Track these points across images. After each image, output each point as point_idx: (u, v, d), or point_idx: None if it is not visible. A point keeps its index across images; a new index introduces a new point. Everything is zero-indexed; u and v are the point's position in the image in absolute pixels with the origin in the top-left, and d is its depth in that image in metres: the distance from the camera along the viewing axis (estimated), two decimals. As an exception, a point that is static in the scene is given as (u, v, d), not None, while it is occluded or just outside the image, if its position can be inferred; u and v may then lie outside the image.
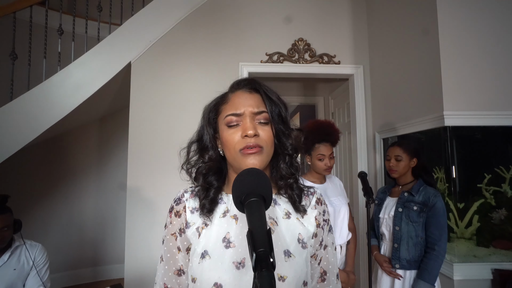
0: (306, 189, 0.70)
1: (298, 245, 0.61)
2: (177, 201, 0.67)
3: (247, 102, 0.61)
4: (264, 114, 0.61)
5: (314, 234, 0.65)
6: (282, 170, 0.64)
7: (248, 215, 0.42)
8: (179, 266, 0.64)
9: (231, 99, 0.63)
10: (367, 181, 1.52)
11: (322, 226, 0.67)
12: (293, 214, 0.65)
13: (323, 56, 2.48)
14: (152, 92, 2.29)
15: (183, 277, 0.65)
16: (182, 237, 0.64)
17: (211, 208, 0.62)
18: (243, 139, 0.59)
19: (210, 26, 2.41)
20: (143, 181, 2.21)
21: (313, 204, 0.68)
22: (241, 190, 0.45)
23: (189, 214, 0.64)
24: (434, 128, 1.70)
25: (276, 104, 0.63)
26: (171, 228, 0.65)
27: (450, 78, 1.62)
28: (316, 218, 0.67)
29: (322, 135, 1.53)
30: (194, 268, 0.59)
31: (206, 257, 0.58)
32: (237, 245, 0.58)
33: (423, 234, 1.43)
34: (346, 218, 1.53)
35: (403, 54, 2.03)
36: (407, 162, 1.53)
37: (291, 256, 0.59)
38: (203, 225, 0.62)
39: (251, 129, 0.58)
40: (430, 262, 1.35)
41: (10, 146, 1.99)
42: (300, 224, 0.64)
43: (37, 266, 1.49)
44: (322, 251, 0.68)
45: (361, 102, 2.49)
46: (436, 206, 1.40)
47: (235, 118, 0.61)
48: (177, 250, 0.64)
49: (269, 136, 0.60)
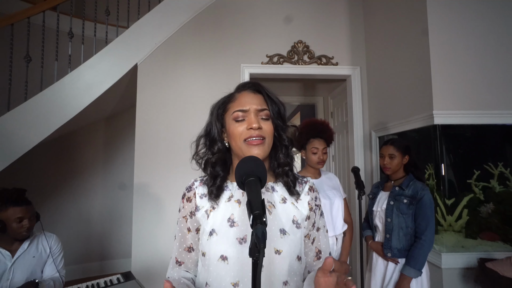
0: (300, 178, 0.81)
1: (292, 225, 0.71)
2: (188, 189, 0.78)
3: (252, 101, 0.72)
4: (266, 112, 0.72)
5: (307, 216, 0.76)
6: (280, 159, 0.75)
7: (247, 190, 0.54)
8: (189, 244, 0.76)
9: (238, 98, 0.74)
10: (359, 175, 1.63)
11: (314, 210, 0.78)
12: (289, 199, 0.75)
13: (322, 58, 2.58)
14: (158, 93, 2.40)
15: (192, 253, 0.76)
16: (192, 219, 0.75)
17: (218, 194, 0.73)
18: (248, 131, 0.69)
19: (212, 29, 2.51)
20: (149, 178, 2.32)
21: (306, 190, 0.78)
22: (242, 173, 0.57)
23: (198, 199, 0.75)
24: (425, 126, 1.80)
25: (276, 103, 0.75)
26: (183, 212, 0.77)
27: (440, 78, 1.71)
28: (309, 202, 0.77)
29: (316, 131, 1.65)
30: (204, 244, 0.70)
31: (213, 235, 0.69)
32: (239, 224, 0.69)
33: (412, 225, 1.53)
34: (340, 210, 1.63)
35: (396, 55, 2.13)
36: (400, 159, 1.63)
37: (286, 234, 0.69)
38: (211, 208, 0.73)
39: (255, 122, 0.69)
40: (416, 250, 1.46)
41: (24, 144, 2.10)
42: (294, 208, 0.74)
43: (53, 254, 1.61)
44: (315, 232, 0.79)
45: (358, 102, 2.59)
46: (423, 199, 1.50)
47: (242, 113, 0.71)
48: (187, 231, 0.76)
49: (270, 130, 0.72)
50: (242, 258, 0.66)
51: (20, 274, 1.48)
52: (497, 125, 1.76)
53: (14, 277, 1.47)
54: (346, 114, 2.89)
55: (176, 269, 0.76)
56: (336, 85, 3.25)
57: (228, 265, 0.66)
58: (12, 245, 1.51)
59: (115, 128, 3.50)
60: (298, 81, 3.57)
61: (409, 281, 1.44)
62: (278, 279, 0.66)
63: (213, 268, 0.67)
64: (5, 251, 1.48)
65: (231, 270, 0.65)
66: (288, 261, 0.67)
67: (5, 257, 1.47)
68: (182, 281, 0.71)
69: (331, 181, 1.73)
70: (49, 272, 1.58)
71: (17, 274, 1.48)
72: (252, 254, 0.44)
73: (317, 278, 0.53)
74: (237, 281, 0.65)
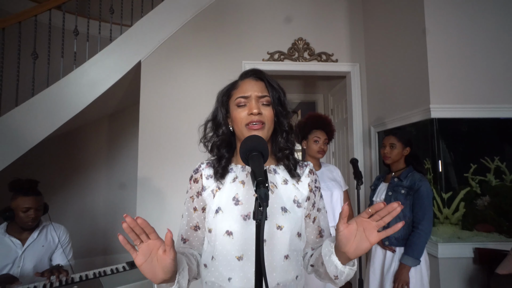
0: (301, 162, 0.86)
1: (293, 204, 0.76)
2: (195, 171, 0.83)
3: (253, 87, 0.76)
4: (267, 98, 0.76)
5: (307, 197, 0.81)
6: (280, 143, 0.79)
7: (251, 163, 0.59)
8: (195, 223, 0.81)
9: (240, 85, 0.79)
10: (357, 166, 1.68)
11: (314, 191, 0.83)
12: (290, 180, 0.80)
13: (322, 55, 2.63)
14: (161, 89, 2.45)
15: (198, 231, 0.81)
16: (199, 199, 0.80)
17: (223, 174, 0.78)
18: (249, 116, 0.74)
19: (214, 27, 2.56)
20: (153, 173, 2.37)
21: (306, 173, 0.83)
22: (246, 149, 0.62)
23: (205, 180, 0.80)
24: (422, 121, 1.84)
25: (277, 90, 0.79)
26: (190, 192, 0.82)
27: (437, 72, 1.75)
28: (309, 184, 0.82)
29: (319, 123, 1.71)
30: (210, 221, 0.75)
31: (219, 212, 0.73)
32: (244, 202, 0.74)
33: (410, 215, 1.57)
34: (339, 201, 1.68)
35: (395, 51, 2.17)
36: (400, 150, 1.67)
37: (287, 212, 0.74)
38: (216, 188, 0.78)
39: (256, 108, 0.73)
40: (414, 239, 1.51)
41: (31, 138, 2.16)
42: (295, 188, 0.79)
43: (63, 244, 1.67)
44: (316, 211, 0.84)
45: (357, 98, 2.63)
46: (420, 190, 1.54)
47: (243, 100, 0.76)
48: (193, 210, 0.80)
49: (270, 115, 0.76)
50: (246, 233, 0.70)
51: (29, 261, 1.55)
52: (494, 119, 1.80)
53: (24, 264, 1.53)
54: (346, 111, 2.93)
55: (181, 245, 0.81)
56: (336, 82, 3.29)
57: (233, 239, 0.70)
58: (22, 234, 1.57)
59: (119, 125, 3.56)
60: (299, 78, 3.61)
61: (408, 269, 1.48)
62: (279, 252, 0.70)
63: (219, 242, 0.71)
64: (16, 239, 1.54)
65: (236, 244, 0.70)
66: (288, 236, 0.71)
67: (16, 246, 1.53)
68: (185, 251, 0.75)
69: (331, 173, 1.78)
70: (59, 261, 1.64)
71: (27, 262, 1.54)
72: (255, 216, 0.49)
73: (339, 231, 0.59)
74: (241, 254, 0.70)
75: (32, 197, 1.51)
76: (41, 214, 1.58)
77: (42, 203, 1.57)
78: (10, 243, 1.52)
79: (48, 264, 1.63)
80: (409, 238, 1.53)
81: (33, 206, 1.51)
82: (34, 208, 1.52)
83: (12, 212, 1.50)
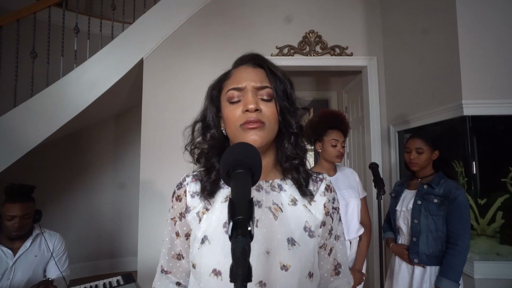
0: (315, 175, 0.66)
1: (304, 233, 0.58)
2: (178, 186, 0.65)
3: (250, 76, 0.58)
4: (268, 90, 0.58)
5: (322, 222, 0.61)
6: (287, 150, 0.60)
7: (232, 185, 0.40)
8: (178, 251, 0.64)
9: (234, 74, 0.61)
10: (378, 172, 1.47)
11: (331, 214, 0.63)
12: (300, 200, 0.61)
13: (335, 48, 2.43)
14: (164, 87, 2.33)
15: (183, 261, 0.64)
16: (182, 222, 0.63)
17: (212, 190, 0.60)
18: (244, 114, 0.56)
19: (220, 21, 2.41)
20: (156, 175, 2.25)
21: (321, 190, 0.64)
22: (229, 162, 0.43)
23: (189, 198, 0.62)
24: (452, 119, 1.62)
25: (281, 80, 0.60)
26: (172, 213, 0.65)
27: (470, 64, 1.53)
28: (325, 205, 0.62)
29: (336, 122, 1.51)
30: (194, 254, 0.58)
31: (205, 242, 0.56)
32: None
33: (444, 228, 1.36)
34: (356, 212, 1.48)
35: (419, 42, 1.94)
36: (429, 154, 1.46)
37: (296, 245, 0.55)
38: (204, 210, 0.60)
39: (252, 103, 0.55)
40: (453, 258, 1.28)
41: (31, 139, 2.08)
42: (307, 211, 0.60)
43: (57, 254, 1.55)
44: (333, 241, 0.65)
45: (374, 94, 2.42)
46: (458, 200, 1.33)
47: (237, 93, 0.58)
48: (176, 235, 0.64)
49: (273, 113, 0.57)
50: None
51: (21, 273, 1.44)
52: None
53: (15, 276, 1.43)
54: (361, 109, 2.71)
55: (163, 279, 0.65)
56: (350, 78, 3.08)
57: (222, 281, 0.52)
58: (14, 243, 1.47)
59: (124, 126, 3.48)
60: (310, 74, 3.41)
61: None
62: None
63: (204, 284, 0.54)
64: (6, 249, 1.44)
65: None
66: (297, 279, 0.54)
67: (6, 256, 1.43)
68: None
69: (348, 178, 1.58)
70: (53, 273, 1.53)
71: (18, 274, 1.44)
72: (232, 278, 0.31)
73: None
74: None
75: (19, 204, 1.40)
76: (29, 223, 1.46)
77: (31, 211, 1.46)
78: (0, 252, 1.42)
79: (43, 276, 1.52)
80: (447, 257, 1.31)
81: (18, 214, 1.40)
82: (19, 216, 1.40)
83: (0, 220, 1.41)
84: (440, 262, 1.34)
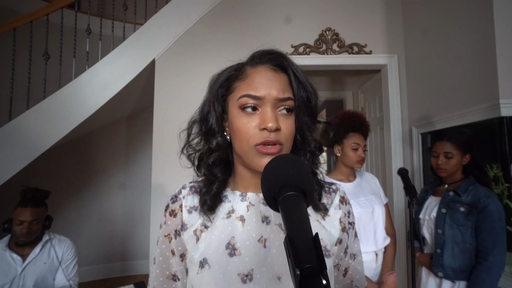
0: (327, 186, 0.58)
1: None
2: (173, 199, 0.58)
3: (271, 83, 0.48)
4: (290, 102, 0.49)
5: (338, 240, 0.54)
6: None
7: (284, 214, 0.32)
8: (173, 272, 0.56)
9: (250, 75, 0.50)
10: (408, 179, 1.34)
11: (347, 230, 0.56)
12: (313, 215, 0.54)
13: (353, 46, 2.31)
14: (176, 87, 2.27)
15: (178, 283, 0.56)
16: (177, 240, 0.55)
17: (213, 205, 0.52)
18: (261, 132, 0.47)
19: (232, 20, 2.34)
20: (168, 178, 2.20)
21: (336, 203, 0.56)
22: (273, 183, 0.34)
23: (185, 213, 0.55)
24: (486, 120, 1.49)
25: (306, 88, 0.51)
26: (166, 229, 0.57)
27: (507, 62, 1.40)
28: (341, 220, 0.55)
29: (357, 124, 1.41)
30: (192, 279, 0.50)
31: (205, 267, 0.48)
32: (243, 253, 0.49)
33: (472, 240, 1.23)
34: (381, 219, 1.37)
35: (445, 39, 1.81)
36: (459, 159, 1.34)
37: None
38: (202, 227, 0.52)
39: (272, 121, 0.46)
40: (482, 274, 1.16)
41: (44, 142, 2.07)
42: (321, 227, 0.53)
43: (66, 261, 1.51)
44: (349, 261, 0.57)
45: (395, 94, 2.29)
46: (488, 208, 1.20)
47: (253, 101, 0.48)
48: (171, 254, 0.55)
49: (291, 131, 0.49)
50: None
51: (30, 280, 1.40)
52: None
53: (25, 283, 1.39)
54: (380, 109, 2.59)
55: None
56: (367, 77, 2.95)
57: None
58: (24, 249, 1.44)
59: (136, 128, 3.46)
60: (325, 74, 3.30)
61: None
62: None
63: None
64: (16, 255, 1.41)
65: None
66: None
67: (15, 262, 1.40)
68: None
69: (369, 184, 1.48)
70: (61, 280, 1.49)
71: (27, 281, 1.40)
72: None
73: None
74: None
75: (30, 209, 1.36)
76: (37, 229, 1.42)
77: (41, 216, 1.42)
78: (10, 259, 1.39)
79: (53, 284, 1.48)
80: (475, 273, 1.19)
81: (27, 219, 1.36)
82: (28, 221, 1.36)
83: (10, 224, 1.37)
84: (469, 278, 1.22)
